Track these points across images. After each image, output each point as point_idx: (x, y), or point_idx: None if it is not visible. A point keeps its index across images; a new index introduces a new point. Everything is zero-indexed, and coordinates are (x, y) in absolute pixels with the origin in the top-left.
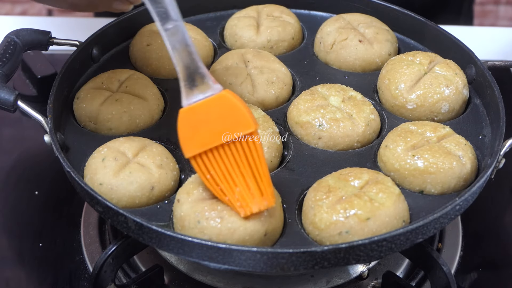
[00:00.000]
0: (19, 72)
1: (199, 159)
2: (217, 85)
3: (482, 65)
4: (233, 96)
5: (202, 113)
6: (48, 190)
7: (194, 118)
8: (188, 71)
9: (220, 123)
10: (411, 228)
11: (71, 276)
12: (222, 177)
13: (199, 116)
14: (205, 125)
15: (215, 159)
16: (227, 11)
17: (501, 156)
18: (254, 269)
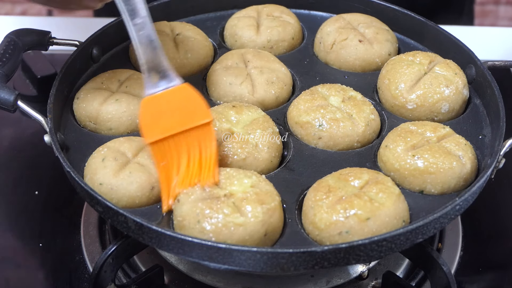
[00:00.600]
0: (19, 72)
1: (157, 145)
2: (178, 78)
3: (482, 65)
4: (193, 88)
5: (163, 102)
6: (48, 190)
7: (155, 107)
8: (151, 64)
9: (180, 112)
10: (411, 228)
11: (71, 276)
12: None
13: (160, 105)
14: (165, 114)
15: (170, 147)
16: (227, 11)
17: (501, 156)
18: (254, 269)
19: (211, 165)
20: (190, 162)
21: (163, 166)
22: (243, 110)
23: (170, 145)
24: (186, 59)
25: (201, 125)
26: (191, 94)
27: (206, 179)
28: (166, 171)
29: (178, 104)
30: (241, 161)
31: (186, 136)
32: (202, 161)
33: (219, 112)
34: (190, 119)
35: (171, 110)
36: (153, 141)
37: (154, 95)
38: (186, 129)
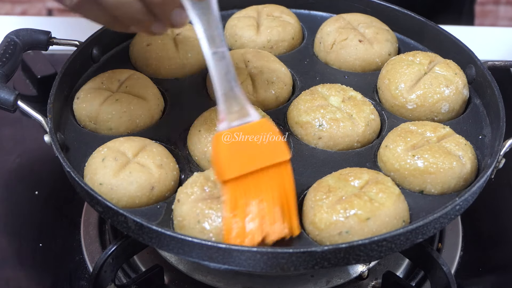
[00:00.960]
0: (19, 72)
1: (232, 184)
2: (255, 112)
3: (482, 65)
4: (272, 124)
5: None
6: (48, 190)
7: (232, 144)
8: (227, 96)
9: (257, 149)
10: (411, 228)
11: (71, 276)
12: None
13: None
14: (242, 150)
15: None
16: (227, 11)
17: (501, 156)
18: (254, 269)
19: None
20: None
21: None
22: None
23: (246, 185)
24: (186, 59)
25: (279, 163)
26: (270, 130)
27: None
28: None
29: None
30: None
31: (265, 174)
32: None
33: None
34: (267, 156)
35: (247, 146)
36: (231, 179)
37: (230, 129)
38: (265, 167)
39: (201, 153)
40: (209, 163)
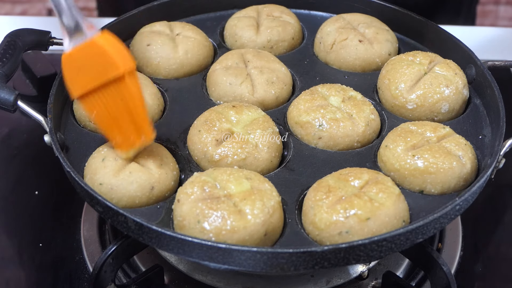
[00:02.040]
0: (19, 72)
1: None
2: (91, 31)
3: (482, 65)
4: (104, 40)
5: (80, 58)
6: (48, 190)
7: (74, 63)
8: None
9: (95, 66)
10: (411, 228)
11: (71, 276)
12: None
13: (78, 60)
14: (84, 68)
15: (97, 99)
16: (227, 11)
17: (501, 156)
18: (254, 269)
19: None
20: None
21: (96, 117)
22: (243, 110)
23: (95, 98)
24: (186, 59)
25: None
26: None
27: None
28: (102, 122)
29: (92, 58)
30: (241, 161)
31: (108, 88)
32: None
33: (219, 112)
34: (104, 72)
35: (87, 65)
36: (79, 96)
37: (70, 51)
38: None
39: (201, 153)
40: (209, 163)
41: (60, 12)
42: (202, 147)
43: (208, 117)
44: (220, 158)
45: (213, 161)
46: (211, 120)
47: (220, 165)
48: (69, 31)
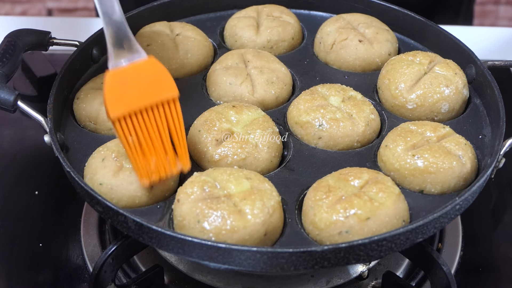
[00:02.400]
0: (19, 72)
1: (122, 122)
2: (143, 51)
3: (482, 65)
4: (159, 62)
5: (128, 76)
6: (48, 190)
7: (120, 81)
8: (116, 36)
9: (146, 86)
10: (411, 227)
11: (71, 276)
12: (143, 140)
13: (125, 79)
14: (131, 88)
15: (137, 122)
16: (227, 11)
17: (501, 156)
18: (254, 269)
19: (183, 143)
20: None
21: (132, 143)
22: (243, 110)
23: (135, 121)
24: (186, 59)
25: (168, 101)
26: (157, 67)
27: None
28: (136, 148)
29: (144, 77)
30: (241, 161)
31: (152, 111)
32: (174, 138)
33: (219, 112)
34: (156, 93)
35: (136, 84)
36: (118, 116)
37: (119, 68)
38: (152, 104)
39: (201, 153)
40: (209, 163)
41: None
42: (202, 147)
43: (208, 117)
44: (220, 158)
45: (213, 161)
46: (211, 120)
47: (220, 165)
48: (118, 46)
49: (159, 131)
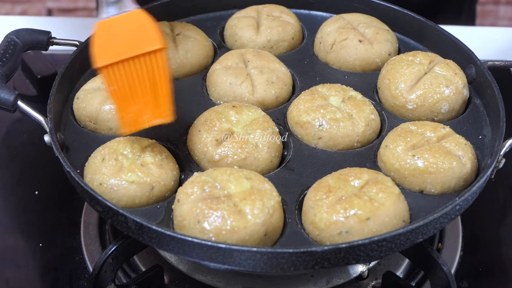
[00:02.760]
0: (19, 72)
1: (109, 70)
2: (132, 5)
3: (482, 65)
4: (146, 15)
5: (116, 27)
6: (48, 190)
7: (108, 31)
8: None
9: (132, 37)
10: (411, 228)
11: (71, 276)
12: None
13: (113, 29)
14: (118, 38)
15: (123, 71)
16: (227, 11)
17: (501, 156)
18: (254, 269)
19: (166, 93)
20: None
21: (114, 91)
22: (243, 110)
23: (121, 71)
24: (186, 59)
25: (153, 52)
26: (144, 21)
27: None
28: (119, 96)
29: (130, 29)
30: (241, 161)
31: (138, 62)
32: (157, 90)
33: (219, 112)
34: (142, 45)
35: (123, 35)
36: (104, 65)
37: (107, 20)
38: (138, 55)
39: (201, 153)
40: (209, 163)
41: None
42: (202, 147)
43: (208, 117)
44: (220, 158)
45: (213, 161)
46: (211, 120)
47: (220, 165)
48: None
49: (144, 81)
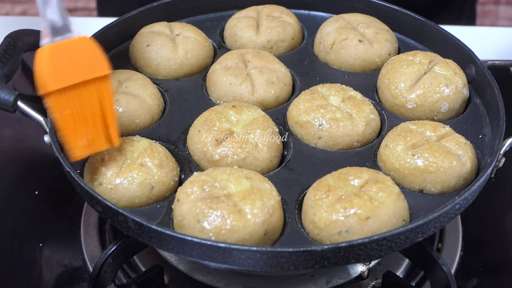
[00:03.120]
0: (19, 72)
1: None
2: (76, 32)
3: (482, 65)
4: (92, 40)
5: (61, 53)
6: (48, 190)
7: (53, 57)
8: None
9: (78, 64)
10: (411, 227)
11: (71, 276)
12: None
13: (58, 55)
14: (63, 64)
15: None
16: (227, 12)
17: (501, 155)
18: (254, 268)
19: (111, 120)
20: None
21: (66, 116)
22: (243, 110)
23: (69, 97)
24: (186, 60)
25: (100, 78)
26: (90, 46)
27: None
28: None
29: (76, 55)
30: (241, 161)
31: (85, 88)
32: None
33: (219, 112)
34: (88, 71)
35: (68, 61)
36: (51, 92)
37: (52, 45)
38: (84, 81)
39: (201, 153)
40: (209, 163)
41: (46, 5)
42: (202, 147)
43: (208, 117)
44: (220, 158)
45: (213, 161)
46: (211, 120)
47: (220, 165)
48: (53, 27)
49: (92, 107)
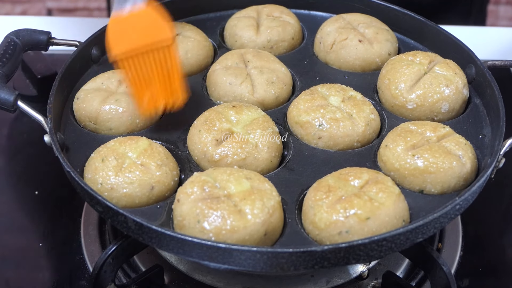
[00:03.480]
0: (19, 72)
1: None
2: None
3: (482, 65)
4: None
5: (128, 23)
6: (48, 190)
7: (121, 26)
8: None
9: (144, 31)
10: (411, 227)
11: (71, 276)
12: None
13: (126, 25)
14: (131, 33)
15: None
16: (227, 12)
17: (501, 156)
18: (254, 268)
19: (177, 79)
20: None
21: (132, 78)
22: (243, 110)
23: (135, 60)
24: (186, 59)
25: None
26: (155, 17)
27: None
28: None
29: (142, 25)
30: (241, 161)
31: (151, 54)
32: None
33: (219, 112)
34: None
35: (136, 30)
36: (121, 55)
37: (121, 17)
38: (150, 47)
39: (201, 153)
40: (209, 163)
41: None
42: (202, 147)
43: (208, 117)
44: (220, 158)
45: (213, 161)
46: (211, 120)
47: (220, 165)
48: None
49: (156, 69)
